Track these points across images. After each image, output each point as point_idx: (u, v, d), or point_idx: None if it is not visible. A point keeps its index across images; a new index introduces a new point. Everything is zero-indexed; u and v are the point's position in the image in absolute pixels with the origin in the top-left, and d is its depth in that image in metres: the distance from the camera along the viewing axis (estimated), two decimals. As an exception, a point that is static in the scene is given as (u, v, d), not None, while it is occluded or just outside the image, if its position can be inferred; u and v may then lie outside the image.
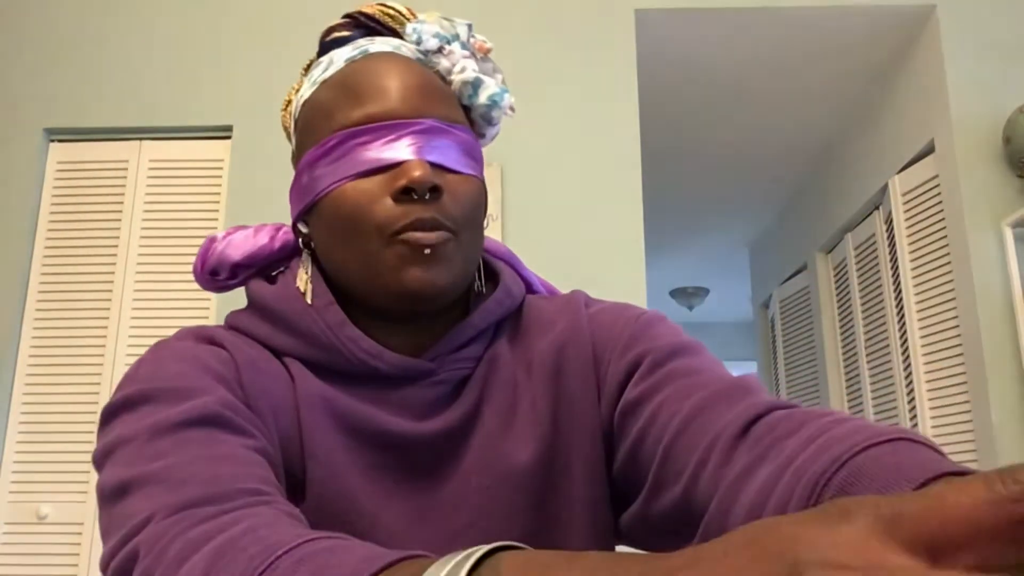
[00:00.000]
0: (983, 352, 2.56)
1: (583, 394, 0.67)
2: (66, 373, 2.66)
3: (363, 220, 0.62)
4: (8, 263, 2.73)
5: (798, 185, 4.32)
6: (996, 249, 2.62)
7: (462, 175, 0.66)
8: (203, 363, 0.61)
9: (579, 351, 0.68)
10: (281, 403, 0.63)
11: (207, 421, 0.56)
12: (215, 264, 0.71)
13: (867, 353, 3.47)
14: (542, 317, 0.72)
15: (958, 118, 2.73)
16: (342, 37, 0.72)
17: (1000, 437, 2.51)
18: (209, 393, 0.58)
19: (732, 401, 0.57)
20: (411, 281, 0.62)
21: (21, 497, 2.56)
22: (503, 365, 0.68)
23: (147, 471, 0.53)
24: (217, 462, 0.53)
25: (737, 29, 2.95)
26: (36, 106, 2.87)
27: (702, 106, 3.49)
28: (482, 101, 0.70)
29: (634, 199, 2.71)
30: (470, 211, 0.66)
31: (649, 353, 0.65)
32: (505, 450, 0.65)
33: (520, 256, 0.91)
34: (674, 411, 0.59)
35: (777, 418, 0.52)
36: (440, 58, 0.70)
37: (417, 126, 0.64)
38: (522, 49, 2.86)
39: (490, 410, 0.67)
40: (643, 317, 0.70)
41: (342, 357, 0.64)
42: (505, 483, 0.64)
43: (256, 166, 2.76)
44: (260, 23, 2.93)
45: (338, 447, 0.63)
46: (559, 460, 0.66)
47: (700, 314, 7.12)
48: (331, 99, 0.66)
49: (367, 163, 0.63)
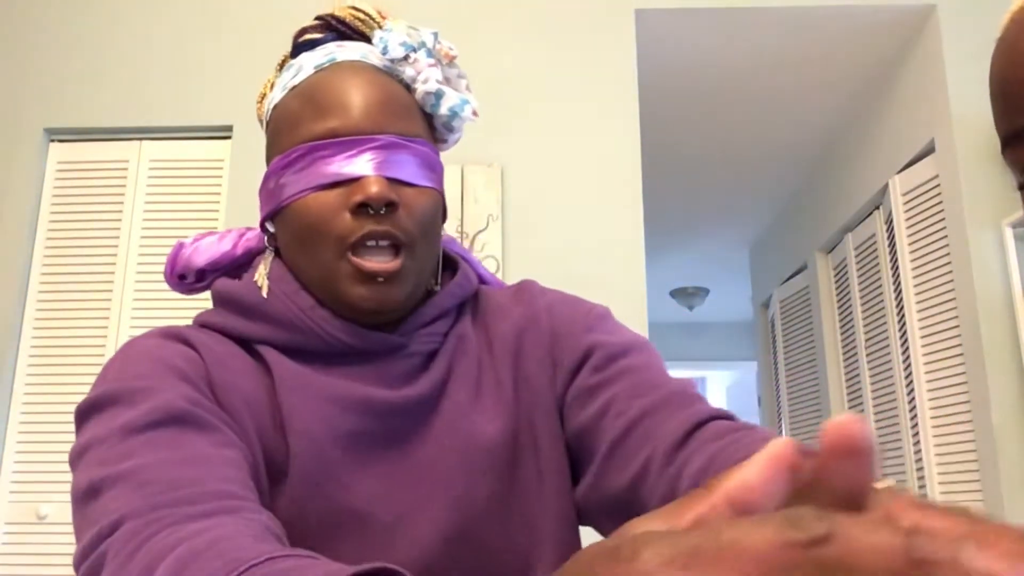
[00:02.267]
0: (983, 352, 2.56)
1: (540, 373, 0.73)
2: (66, 373, 2.66)
3: (322, 231, 0.66)
4: (8, 263, 2.73)
5: (798, 185, 4.32)
6: (996, 249, 2.62)
7: (419, 188, 0.69)
8: (168, 362, 0.63)
9: (538, 336, 0.74)
10: (254, 394, 0.66)
11: (175, 420, 0.58)
12: (182, 268, 0.76)
13: (867, 353, 3.47)
14: (499, 303, 0.78)
15: (958, 118, 2.73)
16: (313, 40, 0.75)
17: (1000, 437, 2.51)
18: (173, 390, 0.60)
19: (677, 408, 0.64)
20: (361, 300, 0.67)
21: (21, 497, 2.56)
22: (468, 342, 0.74)
23: (116, 472, 0.54)
24: (185, 464, 0.55)
25: (737, 29, 2.95)
26: (36, 106, 2.87)
27: (702, 106, 3.49)
28: (443, 111, 0.73)
29: (634, 199, 2.71)
30: (425, 223, 0.69)
31: (603, 346, 0.71)
32: (473, 420, 0.70)
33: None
34: (622, 409, 0.66)
35: (715, 427, 0.60)
36: (406, 66, 0.73)
37: (376, 142, 0.67)
38: (522, 49, 2.86)
39: (458, 382, 0.72)
40: (595, 311, 0.76)
41: (317, 337, 0.68)
42: (474, 450, 0.69)
43: (256, 166, 2.76)
44: (260, 23, 2.93)
45: (317, 420, 0.66)
46: (524, 433, 0.71)
47: (700, 314, 7.12)
48: (297, 109, 0.70)
49: (328, 176, 0.67)
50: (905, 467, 3.13)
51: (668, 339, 7.50)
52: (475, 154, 2.72)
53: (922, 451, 2.90)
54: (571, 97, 2.81)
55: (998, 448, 2.50)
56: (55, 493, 2.55)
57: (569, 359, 0.72)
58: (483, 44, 2.87)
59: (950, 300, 2.78)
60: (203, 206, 2.79)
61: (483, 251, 2.64)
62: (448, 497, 0.67)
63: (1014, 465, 2.48)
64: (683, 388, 0.67)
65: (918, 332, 2.94)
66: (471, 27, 2.89)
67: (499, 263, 2.63)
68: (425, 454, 0.68)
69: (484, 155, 2.74)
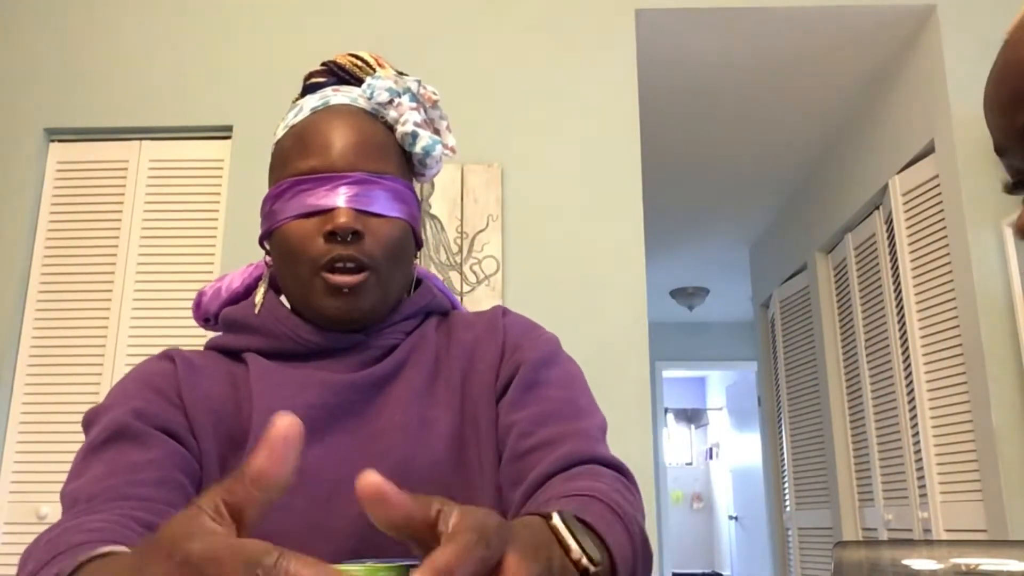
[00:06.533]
0: (983, 352, 2.56)
1: (488, 375, 0.83)
2: (66, 373, 2.66)
3: (300, 253, 0.79)
4: (8, 263, 2.73)
5: (798, 185, 4.33)
6: (996, 249, 2.62)
7: (386, 218, 0.81)
8: (145, 378, 0.79)
9: (492, 344, 0.85)
10: (221, 394, 0.79)
11: (118, 435, 0.73)
12: (204, 314, 0.91)
13: (867, 353, 3.47)
14: (467, 320, 0.90)
15: (958, 118, 2.73)
16: (317, 83, 0.89)
17: (1000, 437, 2.51)
18: (126, 406, 0.75)
19: (560, 445, 0.75)
20: (332, 310, 0.79)
21: (21, 497, 2.57)
22: (428, 341, 0.85)
23: (68, 490, 0.70)
24: (108, 476, 0.70)
25: (737, 29, 2.95)
26: (36, 106, 2.87)
27: (702, 106, 3.49)
28: (417, 150, 0.86)
29: (634, 199, 2.70)
30: (391, 248, 0.81)
31: (532, 370, 0.82)
32: (425, 404, 0.81)
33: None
34: (528, 430, 0.77)
35: (576, 471, 0.72)
36: (389, 109, 0.85)
37: (349, 178, 0.79)
38: (522, 49, 2.86)
39: (414, 369, 0.82)
40: (544, 337, 0.87)
41: (290, 340, 0.82)
42: (422, 430, 0.79)
43: (256, 166, 2.76)
44: (260, 23, 2.93)
45: (278, 398, 0.78)
46: (468, 426, 0.81)
47: (700, 314, 7.12)
48: (289, 147, 0.83)
49: (307, 207, 0.79)
50: (905, 467, 3.13)
51: (668, 339, 7.50)
52: (475, 154, 2.73)
53: (922, 451, 2.90)
54: (571, 97, 2.81)
55: (998, 448, 2.50)
56: (55, 493, 2.55)
57: (507, 372, 0.83)
58: (484, 44, 2.87)
59: (950, 300, 2.78)
60: (203, 206, 2.79)
61: (483, 251, 2.64)
62: (391, 462, 0.76)
63: (1014, 465, 2.48)
64: (580, 429, 0.77)
65: (918, 332, 2.94)
66: (472, 27, 2.89)
67: (499, 263, 2.63)
68: (375, 427, 0.79)
69: (484, 155, 2.74)
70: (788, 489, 4.47)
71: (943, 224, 2.82)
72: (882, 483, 3.36)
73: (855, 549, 0.57)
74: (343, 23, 2.92)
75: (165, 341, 2.63)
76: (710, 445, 9.76)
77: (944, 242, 2.81)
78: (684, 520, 9.60)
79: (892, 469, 3.26)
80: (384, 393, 0.81)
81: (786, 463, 4.48)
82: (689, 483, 9.81)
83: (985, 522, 2.57)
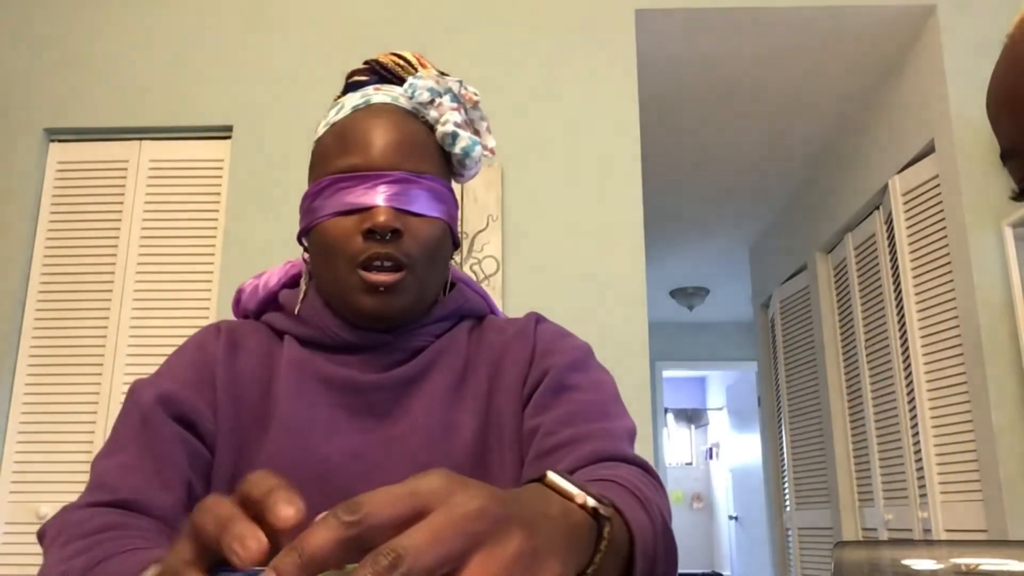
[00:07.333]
0: (983, 352, 2.56)
1: (517, 379, 0.83)
2: (66, 373, 2.66)
3: (338, 250, 0.79)
4: (8, 263, 2.73)
5: (798, 185, 4.33)
6: (996, 249, 2.62)
7: (425, 218, 0.81)
8: (191, 352, 0.83)
9: (523, 347, 0.85)
10: (260, 363, 0.83)
11: (143, 424, 0.76)
12: (244, 311, 0.94)
13: (867, 353, 3.47)
14: (500, 325, 0.90)
15: (958, 118, 2.73)
16: (359, 81, 0.89)
17: (1000, 437, 2.51)
18: (157, 387, 0.78)
19: (586, 443, 0.75)
20: (368, 307, 0.79)
21: (21, 497, 2.57)
22: (458, 344, 0.85)
23: (100, 467, 0.74)
24: (128, 475, 0.73)
25: (737, 29, 2.95)
26: (36, 106, 2.87)
27: (702, 106, 3.49)
28: (457, 150, 0.86)
29: (634, 199, 2.70)
30: (429, 247, 0.81)
31: (561, 374, 0.82)
32: (450, 407, 0.81)
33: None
34: (549, 431, 0.77)
35: (598, 466, 0.72)
36: (430, 109, 0.85)
37: (389, 177, 0.79)
38: (522, 49, 2.86)
39: (442, 372, 0.83)
40: (575, 344, 0.86)
41: (322, 332, 0.83)
42: (446, 434, 0.79)
43: (256, 166, 2.76)
44: (260, 23, 2.93)
45: (304, 392, 0.80)
46: (494, 430, 0.81)
47: (700, 314, 7.13)
48: (330, 145, 0.83)
49: (346, 205, 0.79)
50: (905, 467, 3.13)
51: (668, 339, 7.50)
52: (475, 154, 2.72)
53: (922, 451, 2.90)
54: (571, 97, 2.81)
55: (998, 448, 2.50)
56: (55, 493, 2.55)
57: (534, 377, 0.83)
58: (484, 43, 2.87)
59: (950, 300, 2.78)
60: (203, 206, 2.79)
61: (483, 251, 2.64)
62: (410, 465, 0.76)
63: (1014, 465, 2.48)
64: (605, 430, 0.77)
65: (918, 332, 2.94)
66: (472, 27, 2.89)
67: (499, 263, 2.63)
68: (399, 428, 0.79)
69: (484, 155, 2.73)
70: (788, 489, 4.47)
71: (943, 224, 2.82)
72: (882, 483, 3.36)
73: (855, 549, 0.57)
74: (343, 25, 2.92)
75: (165, 341, 2.63)
76: (710, 445, 9.76)
77: (944, 242, 2.81)
78: (684, 520, 9.60)
79: (892, 469, 3.26)
80: (409, 395, 0.81)
81: (786, 463, 4.48)
82: (689, 483, 9.81)
83: (985, 522, 2.57)
